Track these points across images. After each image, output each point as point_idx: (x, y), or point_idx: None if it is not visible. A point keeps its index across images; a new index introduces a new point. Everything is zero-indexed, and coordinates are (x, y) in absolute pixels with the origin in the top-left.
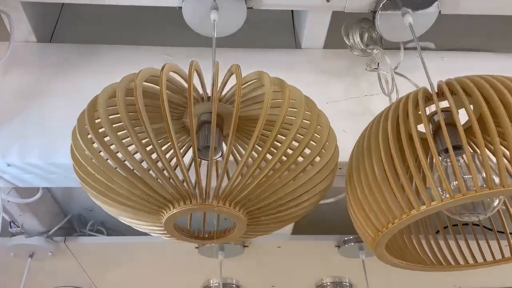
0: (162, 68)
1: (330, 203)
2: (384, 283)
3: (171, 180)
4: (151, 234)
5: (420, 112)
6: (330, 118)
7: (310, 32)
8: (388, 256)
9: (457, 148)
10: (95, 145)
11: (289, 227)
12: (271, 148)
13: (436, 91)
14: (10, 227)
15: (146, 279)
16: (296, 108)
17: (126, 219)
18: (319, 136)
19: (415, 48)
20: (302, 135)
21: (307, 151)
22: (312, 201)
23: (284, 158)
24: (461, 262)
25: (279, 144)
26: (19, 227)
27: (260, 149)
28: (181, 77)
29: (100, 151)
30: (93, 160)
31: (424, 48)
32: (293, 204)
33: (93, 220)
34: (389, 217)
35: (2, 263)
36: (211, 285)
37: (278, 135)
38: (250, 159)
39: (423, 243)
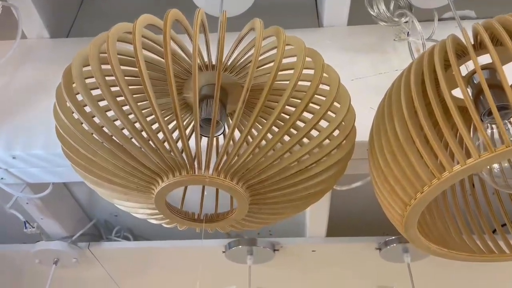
0: (165, 20)
1: (368, 199)
2: None
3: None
4: (149, 219)
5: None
6: (355, 95)
7: (332, 9)
8: (423, 240)
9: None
10: (75, 115)
11: (323, 228)
12: (278, 121)
13: (472, 42)
14: (25, 227)
15: (176, 286)
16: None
17: (119, 202)
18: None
19: (451, 18)
20: (319, 104)
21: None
22: (325, 176)
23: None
24: None
25: (287, 117)
26: (34, 227)
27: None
28: (186, 30)
29: (82, 123)
30: (72, 129)
31: (463, 18)
32: (302, 178)
33: (119, 226)
34: (416, 185)
35: (27, 271)
36: None
37: (290, 107)
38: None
39: (469, 228)
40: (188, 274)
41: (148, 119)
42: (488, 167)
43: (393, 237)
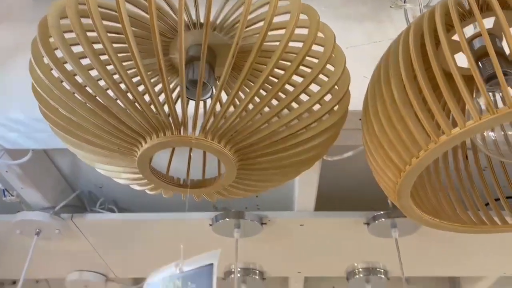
0: None
1: (357, 174)
2: (423, 266)
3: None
4: (132, 185)
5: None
6: (349, 63)
7: None
8: (415, 209)
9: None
10: (54, 73)
11: (312, 202)
12: (267, 85)
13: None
14: (4, 196)
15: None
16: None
17: (101, 166)
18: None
19: None
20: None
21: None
22: (316, 142)
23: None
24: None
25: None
26: (13, 195)
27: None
28: None
29: (62, 81)
30: (49, 85)
31: None
32: (292, 143)
33: (104, 198)
34: (412, 150)
35: (8, 241)
36: (232, 269)
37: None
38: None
39: (461, 199)
40: (174, 247)
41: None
42: (485, 134)
43: (382, 212)
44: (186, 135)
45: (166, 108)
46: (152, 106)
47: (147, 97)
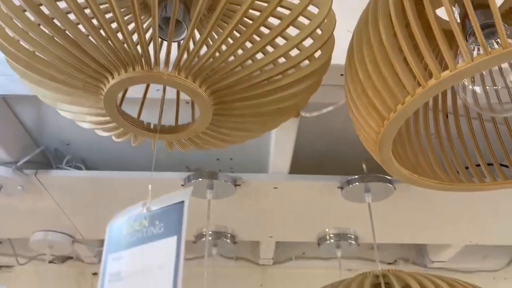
0: None
1: (332, 139)
2: (392, 233)
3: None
4: (97, 130)
5: None
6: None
7: None
8: (395, 162)
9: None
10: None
11: (287, 163)
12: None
13: None
14: None
15: None
16: None
17: (64, 107)
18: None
19: None
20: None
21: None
22: (296, 89)
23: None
24: (488, 179)
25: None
26: None
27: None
28: None
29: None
30: (9, 14)
31: None
32: (270, 89)
33: (71, 156)
34: (398, 96)
35: None
36: (204, 232)
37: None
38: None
39: (439, 157)
40: None
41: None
42: (470, 87)
43: (356, 176)
44: (158, 71)
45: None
46: (119, 35)
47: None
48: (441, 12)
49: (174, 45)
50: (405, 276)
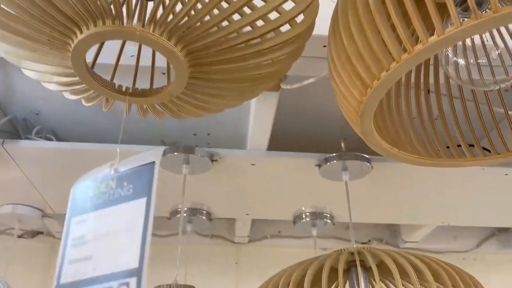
0: None
1: (312, 116)
2: (368, 213)
3: None
4: (65, 92)
5: None
6: None
7: None
8: (376, 135)
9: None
10: None
11: (265, 139)
12: None
13: None
14: None
15: None
16: None
17: (28, 65)
18: None
19: None
20: None
21: None
22: (277, 54)
23: None
24: (467, 155)
25: None
26: None
27: None
28: None
29: None
30: None
31: None
32: (250, 52)
33: (41, 126)
34: (383, 62)
35: None
36: (179, 209)
37: None
38: None
39: (420, 133)
40: None
41: None
42: (454, 59)
43: (334, 154)
44: (130, 26)
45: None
46: None
47: None
48: None
49: (150, 4)
50: (379, 253)
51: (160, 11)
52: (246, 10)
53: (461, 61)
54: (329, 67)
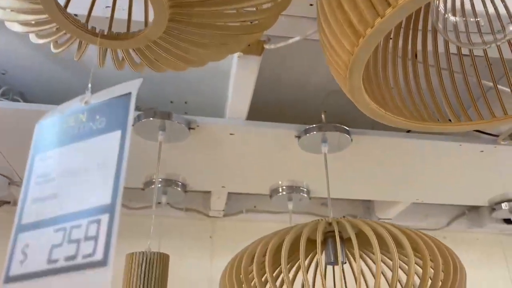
0: None
1: (295, 88)
2: (344, 188)
3: None
4: (31, 34)
5: None
6: None
7: None
8: (364, 94)
9: None
10: None
11: (245, 108)
12: None
13: None
14: None
15: None
16: None
17: None
18: None
19: None
20: None
21: None
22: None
23: None
24: (452, 120)
25: None
26: None
27: None
28: None
29: None
30: None
31: None
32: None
33: (8, 87)
34: (378, 8)
35: None
36: (153, 179)
37: None
38: None
39: (406, 98)
40: None
41: None
42: (446, 16)
43: (314, 125)
44: None
45: None
46: None
47: None
48: None
49: None
50: (358, 223)
51: None
52: None
53: (453, 18)
54: (318, 19)
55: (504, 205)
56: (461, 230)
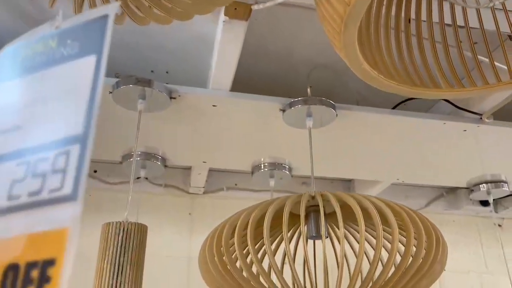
0: None
1: (281, 60)
2: (326, 166)
3: None
4: None
5: None
6: None
7: None
8: (358, 51)
9: None
10: None
11: (229, 79)
12: None
13: None
14: None
15: None
16: None
17: None
18: None
19: None
20: None
21: None
22: None
23: None
24: (443, 86)
25: None
26: None
27: None
28: None
29: None
30: None
31: None
32: None
33: None
34: None
35: None
36: (132, 152)
37: None
38: None
39: (398, 62)
40: None
41: None
42: None
43: (299, 98)
44: None
45: None
46: None
47: None
48: None
49: None
50: (342, 195)
51: None
52: None
53: None
54: None
55: (482, 187)
56: (438, 211)
